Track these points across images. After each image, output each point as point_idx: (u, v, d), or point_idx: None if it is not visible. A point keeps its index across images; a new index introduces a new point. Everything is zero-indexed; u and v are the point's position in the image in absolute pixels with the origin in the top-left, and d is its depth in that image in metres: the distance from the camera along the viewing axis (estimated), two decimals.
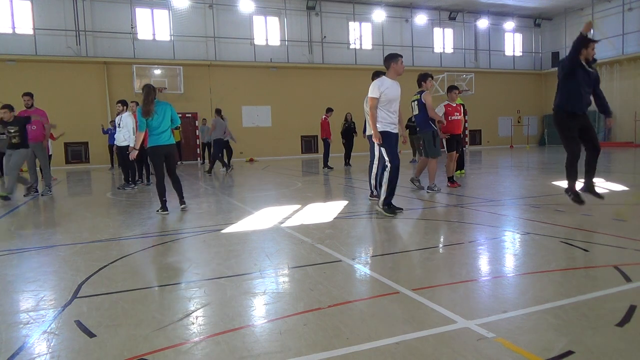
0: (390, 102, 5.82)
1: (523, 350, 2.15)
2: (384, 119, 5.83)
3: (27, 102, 9.17)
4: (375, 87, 5.79)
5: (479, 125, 28.33)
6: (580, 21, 27.29)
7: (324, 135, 14.78)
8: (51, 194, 9.51)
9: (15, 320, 2.76)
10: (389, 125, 5.85)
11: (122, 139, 10.20)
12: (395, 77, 5.91)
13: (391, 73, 5.89)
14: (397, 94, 5.88)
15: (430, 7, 26.55)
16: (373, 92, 5.80)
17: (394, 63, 5.84)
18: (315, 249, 4.24)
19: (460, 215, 5.88)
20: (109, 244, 4.83)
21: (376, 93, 5.77)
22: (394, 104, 5.87)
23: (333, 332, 2.43)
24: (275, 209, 6.75)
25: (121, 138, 10.21)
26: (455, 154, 8.78)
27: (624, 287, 2.97)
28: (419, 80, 7.94)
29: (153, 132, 6.47)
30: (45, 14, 19.94)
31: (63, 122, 18.16)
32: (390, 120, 5.86)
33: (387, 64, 5.91)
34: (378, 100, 5.78)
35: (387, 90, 5.77)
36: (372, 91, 5.83)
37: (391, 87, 5.82)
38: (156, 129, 6.46)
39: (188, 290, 3.24)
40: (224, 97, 22.08)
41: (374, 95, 5.78)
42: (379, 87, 5.77)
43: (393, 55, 5.94)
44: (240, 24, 23.05)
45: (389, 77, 5.88)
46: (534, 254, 3.93)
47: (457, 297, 2.91)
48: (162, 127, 6.48)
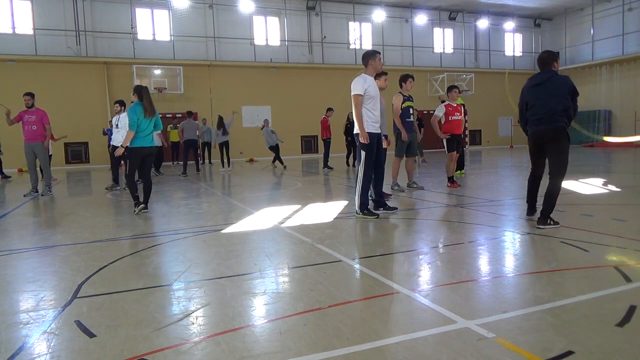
0: (373, 99, 5.69)
1: (523, 350, 2.15)
2: (370, 117, 5.70)
3: (27, 102, 9.16)
4: (359, 84, 5.61)
5: (479, 125, 28.33)
6: (580, 21, 27.32)
7: (325, 135, 14.75)
8: (51, 194, 9.50)
9: (15, 320, 2.76)
10: (372, 125, 5.73)
11: (120, 140, 10.01)
12: (373, 73, 5.82)
13: (370, 70, 5.78)
14: (378, 91, 5.82)
15: (430, 7, 26.55)
16: (357, 89, 5.59)
17: (372, 60, 5.75)
18: (315, 249, 4.24)
19: (460, 215, 5.88)
20: (109, 244, 4.83)
21: (361, 90, 5.59)
22: (376, 102, 5.76)
23: (333, 332, 2.42)
24: (275, 209, 6.75)
25: (119, 139, 9.96)
26: (456, 154, 8.78)
27: (624, 287, 2.97)
28: (399, 81, 7.92)
29: (140, 133, 6.60)
30: (45, 14, 19.94)
31: (63, 122, 18.22)
32: (374, 119, 5.74)
33: (366, 61, 5.78)
34: (363, 97, 5.62)
35: (369, 88, 5.64)
36: (355, 88, 5.61)
37: (373, 85, 5.72)
38: (144, 131, 6.63)
39: (188, 290, 3.24)
40: (224, 97, 22.07)
41: (359, 92, 5.59)
42: (362, 84, 5.61)
43: (371, 52, 5.85)
44: (240, 24, 23.05)
45: (368, 75, 5.76)
46: (534, 254, 3.93)
47: (457, 297, 2.91)
48: (149, 129, 6.70)
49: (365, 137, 5.62)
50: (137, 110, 6.57)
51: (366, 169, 5.71)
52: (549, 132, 4.77)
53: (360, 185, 5.75)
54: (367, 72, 5.79)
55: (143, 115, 6.59)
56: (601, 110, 25.38)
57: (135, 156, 6.69)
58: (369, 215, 5.74)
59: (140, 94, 6.64)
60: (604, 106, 25.53)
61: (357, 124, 5.69)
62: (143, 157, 6.74)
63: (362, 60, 5.87)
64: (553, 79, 4.84)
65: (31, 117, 9.13)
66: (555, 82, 4.82)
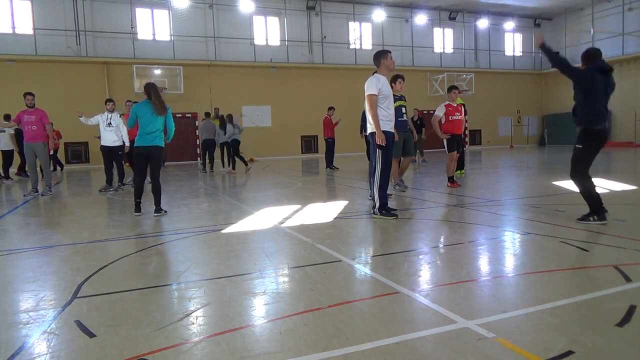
0: (387, 98, 5.67)
1: (523, 350, 2.15)
2: (385, 116, 5.67)
3: (30, 102, 9.15)
4: (373, 83, 5.59)
5: (479, 125, 28.34)
6: (580, 21, 27.32)
7: (327, 135, 14.43)
8: (51, 194, 9.50)
9: (15, 320, 2.76)
10: (387, 123, 5.71)
11: (114, 139, 9.72)
12: (387, 73, 5.78)
13: (382, 70, 5.75)
14: (391, 90, 5.80)
15: (430, 7, 26.55)
16: (372, 89, 5.57)
17: (384, 59, 5.72)
18: (315, 249, 4.24)
19: (460, 215, 5.88)
20: (109, 244, 4.83)
21: (375, 89, 5.57)
22: (390, 101, 5.73)
23: (333, 332, 2.42)
24: (275, 209, 6.75)
25: (114, 138, 9.71)
26: (456, 154, 8.77)
27: (624, 287, 2.96)
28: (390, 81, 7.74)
29: (143, 131, 6.39)
30: (45, 14, 19.94)
31: (63, 122, 18.24)
32: (389, 117, 5.71)
33: (377, 61, 5.75)
34: (377, 97, 5.58)
35: (383, 87, 5.63)
36: (370, 88, 5.59)
37: (386, 84, 5.70)
38: (147, 129, 6.38)
39: (188, 290, 3.24)
40: (224, 97, 22.08)
41: (374, 92, 5.57)
42: (376, 83, 5.59)
43: (382, 51, 5.83)
44: (240, 24, 23.05)
45: (382, 74, 5.73)
46: (534, 254, 3.93)
47: (457, 297, 2.91)
48: (152, 127, 6.40)
49: (382, 139, 5.56)
50: (140, 108, 6.40)
51: (384, 168, 5.69)
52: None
53: (379, 184, 5.69)
54: (380, 72, 5.74)
55: (149, 113, 6.36)
56: None
57: (136, 156, 6.53)
58: (387, 215, 5.66)
59: (149, 91, 6.43)
60: None
61: (373, 125, 5.63)
62: (146, 156, 6.47)
63: (374, 61, 5.81)
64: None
65: (31, 117, 9.13)
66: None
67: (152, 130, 6.42)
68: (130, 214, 6.64)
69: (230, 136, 14.02)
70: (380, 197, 5.71)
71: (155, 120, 6.40)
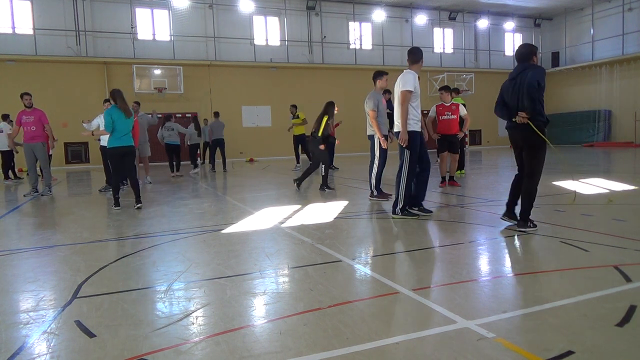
0: (418, 97, 5.46)
1: (523, 350, 2.15)
2: (415, 116, 5.39)
3: (28, 102, 9.15)
4: (410, 80, 5.25)
5: (479, 125, 28.29)
6: (580, 21, 27.31)
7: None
8: (51, 194, 9.50)
9: (15, 320, 2.76)
10: (417, 123, 5.44)
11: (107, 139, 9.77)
12: (419, 72, 5.52)
13: (416, 67, 5.47)
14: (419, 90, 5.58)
15: (430, 7, 26.54)
16: (409, 85, 5.21)
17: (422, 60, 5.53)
18: (315, 249, 4.24)
19: (460, 215, 5.88)
20: (109, 244, 4.83)
21: (412, 86, 5.21)
22: (419, 102, 5.51)
23: (333, 332, 2.42)
24: (275, 209, 6.75)
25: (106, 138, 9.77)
26: (448, 154, 8.70)
27: (624, 287, 2.97)
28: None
29: (117, 134, 7.03)
30: (45, 14, 19.92)
31: (63, 122, 18.22)
32: (418, 117, 5.46)
33: (417, 57, 5.48)
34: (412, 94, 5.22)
35: (417, 84, 5.36)
36: (407, 83, 5.23)
37: (418, 82, 5.45)
38: (121, 131, 7.05)
39: (188, 290, 3.24)
40: (224, 97, 22.07)
41: (410, 88, 5.21)
42: (413, 80, 5.27)
43: (421, 52, 5.59)
44: (240, 24, 23.04)
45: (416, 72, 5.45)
46: (534, 254, 3.93)
47: (457, 297, 2.91)
48: (125, 129, 7.09)
49: (405, 139, 5.33)
50: (112, 113, 6.98)
51: (410, 170, 5.48)
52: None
53: (404, 185, 5.51)
54: (414, 69, 5.47)
55: (123, 117, 7.00)
56: (601, 110, 25.36)
57: (114, 156, 7.14)
58: (408, 215, 5.58)
59: (115, 97, 7.08)
60: (604, 106, 25.50)
61: (401, 122, 5.35)
62: (122, 156, 7.11)
63: (411, 56, 5.52)
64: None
65: (29, 117, 9.12)
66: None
67: (127, 132, 7.13)
68: (130, 214, 6.65)
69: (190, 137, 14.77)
70: (405, 198, 5.55)
71: (126, 122, 7.09)
